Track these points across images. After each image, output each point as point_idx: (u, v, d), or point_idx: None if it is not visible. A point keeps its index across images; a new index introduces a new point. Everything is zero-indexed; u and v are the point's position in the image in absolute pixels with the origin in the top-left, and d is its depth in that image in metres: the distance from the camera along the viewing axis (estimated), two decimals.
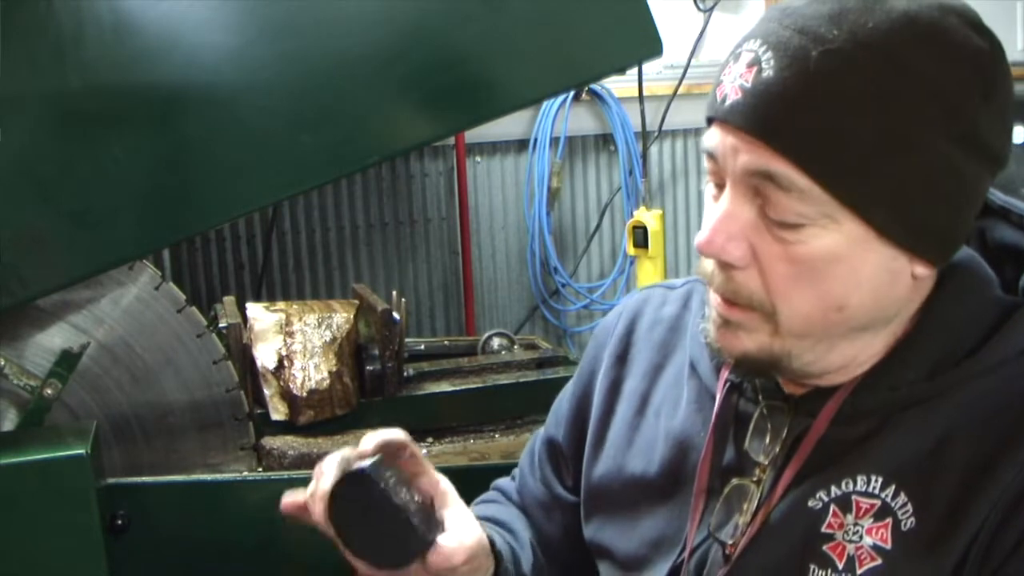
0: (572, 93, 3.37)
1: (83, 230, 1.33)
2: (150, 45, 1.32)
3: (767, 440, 0.84)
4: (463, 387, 1.89)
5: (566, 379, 1.91)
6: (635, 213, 3.26)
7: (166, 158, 1.36)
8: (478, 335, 2.43)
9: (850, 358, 0.81)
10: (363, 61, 1.39)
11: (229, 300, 1.96)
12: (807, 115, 0.71)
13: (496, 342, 2.22)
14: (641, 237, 3.17)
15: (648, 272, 3.18)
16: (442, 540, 0.85)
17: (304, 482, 1.47)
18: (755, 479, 0.84)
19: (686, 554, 0.87)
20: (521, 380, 1.94)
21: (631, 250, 3.24)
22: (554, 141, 3.45)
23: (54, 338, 1.48)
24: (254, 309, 1.74)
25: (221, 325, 1.75)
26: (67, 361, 1.47)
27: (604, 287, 3.60)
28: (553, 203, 3.52)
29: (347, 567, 0.89)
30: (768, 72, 0.73)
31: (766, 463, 0.84)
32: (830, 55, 0.71)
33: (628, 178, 3.53)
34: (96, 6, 1.30)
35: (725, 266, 0.78)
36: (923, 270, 0.77)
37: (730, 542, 0.84)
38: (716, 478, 0.87)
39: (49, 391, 1.45)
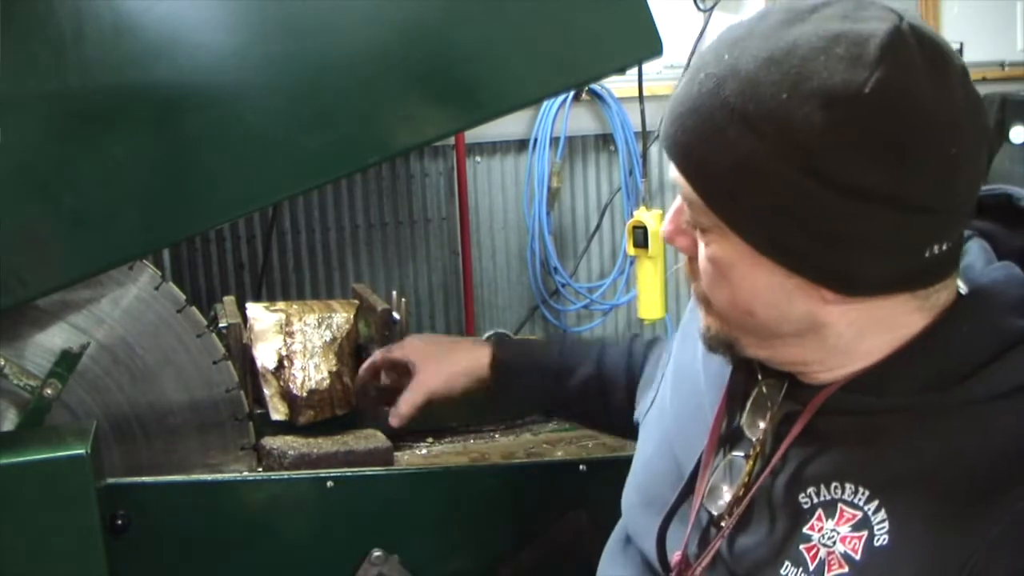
0: (572, 93, 3.37)
1: (83, 230, 1.33)
2: (150, 45, 1.32)
3: (763, 420, 0.88)
4: None
5: None
6: (635, 213, 3.25)
7: (166, 158, 1.36)
8: (478, 335, 2.43)
9: (800, 361, 0.85)
10: (363, 61, 1.39)
11: (229, 300, 1.96)
12: (687, 135, 0.78)
13: None
14: (641, 237, 3.17)
15: (648, 272, 3.17)
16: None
17: (304, 482, 1.47)
18: (749, 455, 0.88)
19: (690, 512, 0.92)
20: None
21: (631, 250, 3.23)
22: (554, 141, 3.45)
23: (54, 338, 1.48)
24: (254, 309, 1.74)
25: (221, 325, 1.75)
26: (67, 361, 1.47)
27: (604, 287, 3.60)
28: (553, 203, 3.52)
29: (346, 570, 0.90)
30: (677, 89, 0.80)
31: (755, 441, 0.88)
32: (709, 78, 0.77)
33: (628, 178, 3.53)
34: (96, 6, 1.30)
35: (688, 259, 0.88)
36: (833, 296, 0.79)
37: (715, 513, 0.88)
38: (720, 447, 0.92)
39: (49, 391, 1.45)
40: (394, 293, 1.94)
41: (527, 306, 3.60)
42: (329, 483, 1.46)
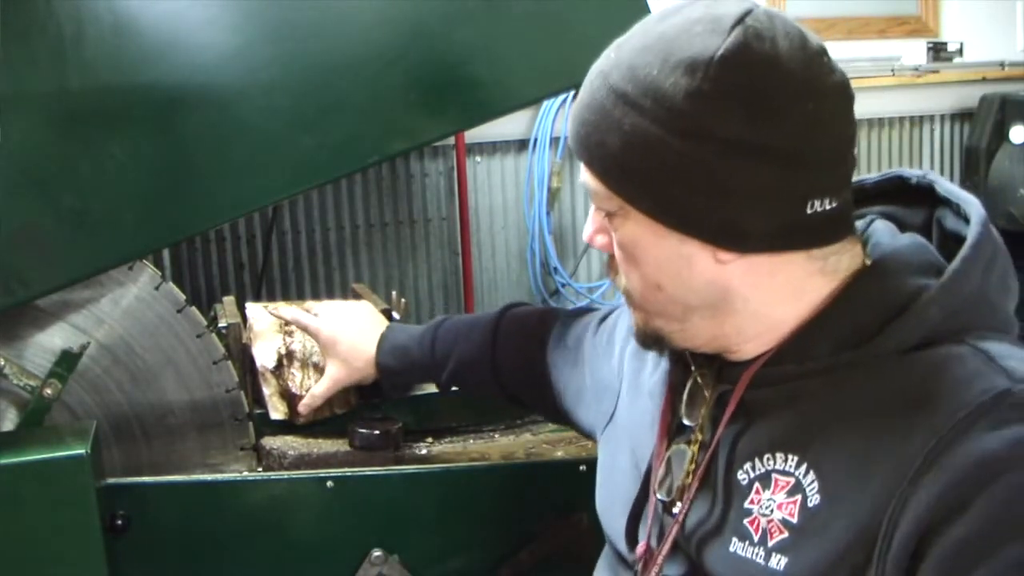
0: (572, 93, 3.36)
1: (83, 230, 1.33)
2: (150, 45, 1.33)
3: (699, 406, 0.93)
4: None
5: None
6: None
7: (166, 158, 1.36)
8: None
9: (720, 335, 0.90)
10: (363, 61, 1.39)
11: (229, 300, 1.96)
12: (585, 127, 0.87)
13: None
14: None
15: None
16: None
17: (304, 482, 1.48)
18: (691, 442, 0.93)
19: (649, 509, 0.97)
20: None
21: None
22: (554, 141, 3.45)
23: (54, 338, 1.48)
24: (253, 309, 1.74)
25: (221, 325, 1.75)
26: (67, 361, 1.47)
27: (604, 287, 3.60)
28: (553, 203, 3.52)
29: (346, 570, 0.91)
30: (579, 96, 0.90)
31: (696, 427, 0.92)
32: (600, 75, 0.87)
33: None
34: (96, 6, 1.30)
35: (609, 259, 0.95)
36: (727, 255, 0.85)
37: (667, 499, 0.93)
38: (669, 442, 0.97)
39: (49, 391, 1.45)
40: (394, 293, 1.95)
41: None
42: (329, 483, 1.46)
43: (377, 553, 1.46)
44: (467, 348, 1.45)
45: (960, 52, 3.96)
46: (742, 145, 0.80)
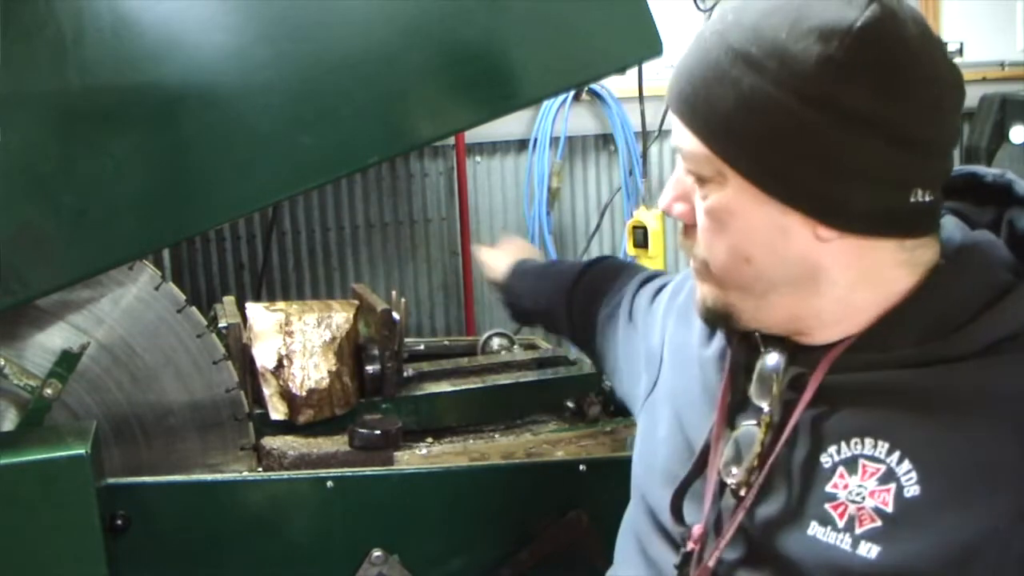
0: (572, 93, 3.37)
1: (83, 230, 1.33)
2: (150, 45, 1.32)
3: (770, 388, 0.90)
4: (463, 387, 1.89)
5: (566, 379, 1.94)
6: (635, 213, 3.26)
7: (166, 158, 1.36)
8: (478, 335, 2.43)
9: (797, 317, 0.88)
10: (363, 61, 1.39)
11: (229, 300, 1.96)
12: (693, 83, 0.85)
13: (496, 342, 2.21)
14: (641, 237, 3.17)
15: None
16: None
17: (304, 482, 1.48)
18: (759, 423, 0.90)
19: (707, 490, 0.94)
20: (521, 380, 1.94)
21: (631, 250, 3.24)
22: (554, 141, 3.45)
23: (54, 338, 1.48)
24: (254, 309, 1.74)
25: (221, 325, 1.75)
26: (67, 361, 1.47)
27: None
28: (553, 203, 3.52)
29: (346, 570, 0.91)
30: (685, 52, 0.88)
31: (767, 409, 0.89)
32: (715, 35, 0.85)
33: (628, 178, 3.54)
34: (96, 6, 1.30)
35: (684, 228, 0.93)
36: (827, 232, 0.83)
37: (733, 483, 0.90)
38: (729, 421, 0.94)
39: (49, 391, 1.45)
40: (394, 293, 1.95)
41: None
42: (329, 483, 1.46)
43: (377, 553, 1.46)
44: (550, 295, 1.52)
45: (960, 52, 3.96)
46: (864, 119, 0.79)
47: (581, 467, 1.55)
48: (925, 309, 0.84)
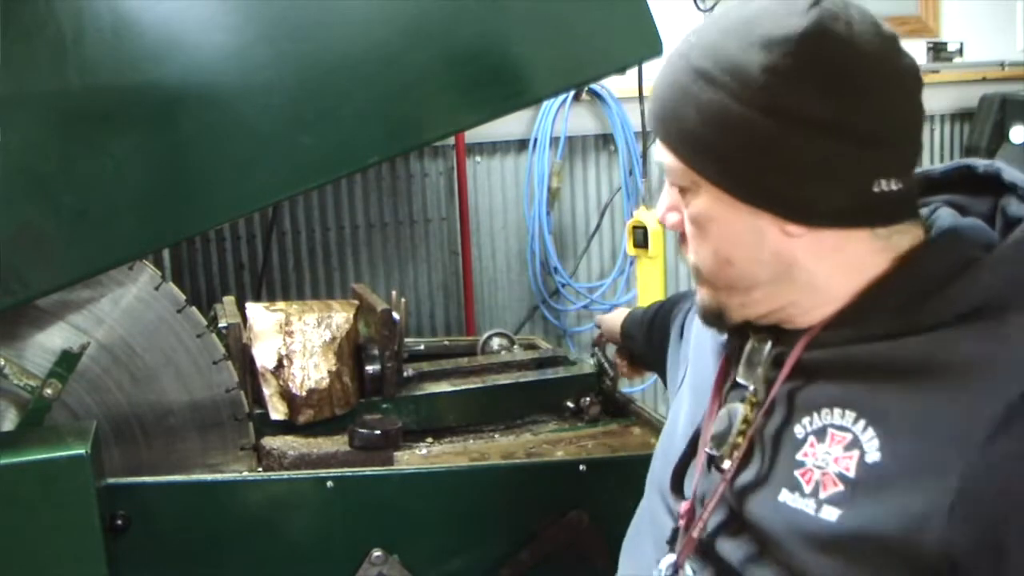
0: (572, 93, 3.37)
1: (83, 230, 1.33)
2: (150, 45, 1.33)
3: (756, 368, 0.96)
4: (463, 387, 1.89)
5: (566, 379, 1.94)
6: (635, 213, 3.25)
7: (166, 158, 1.36)
8: (478, 335, 2.43)
9: (779, 307, 0.93)
10: (363, 61, 1.39)
11: (229, 300, 1.96)
12: (663, 104, 0.91)
13: (496, 342, 2.21)
14: (641, 237, 3.16)
15: (648, 272, 3.17)
16: None
17: (304, 482, 1.48)
18: (744, 400, 0.95)
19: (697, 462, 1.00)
20: (521, 380, 1.94)
21: (631, 250, 3.23)
22: (554, 141, 3.45)
23: (54, 338, 1.48)
24: (254, 309, 1.74)
25: (221, 325, 1.75)
26: (67, 361, 1.47)
27: (604, 287, 3.60)
28: (553, 203, 3.52)
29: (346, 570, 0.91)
30: (657, 78, 0.94)
31: (752, 388, 0.95)
32: (680, 57, 0.91)
33: (628, 178, 3.53)
34: (96, 6, 1.30)
35: (680, 237, 0.98)
36: (796, 229, 0.88)
37: (716, 453, 0.95)
38: (723, 403, 0.99)
39: (49, 391, 1.45)
40: (394, 293, 1.95)
41: (527, 306, 3.60)
42: (329, 483, 1.46)
43: (377, 553, 1.46)
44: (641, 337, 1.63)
45: (960, 52, 3.96)
46: (815, 122, 0.83)
47: (581, 467, 1.55)
48: (897, 286, 0.87)
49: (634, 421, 1.85)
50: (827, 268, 0.89)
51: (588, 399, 1.88)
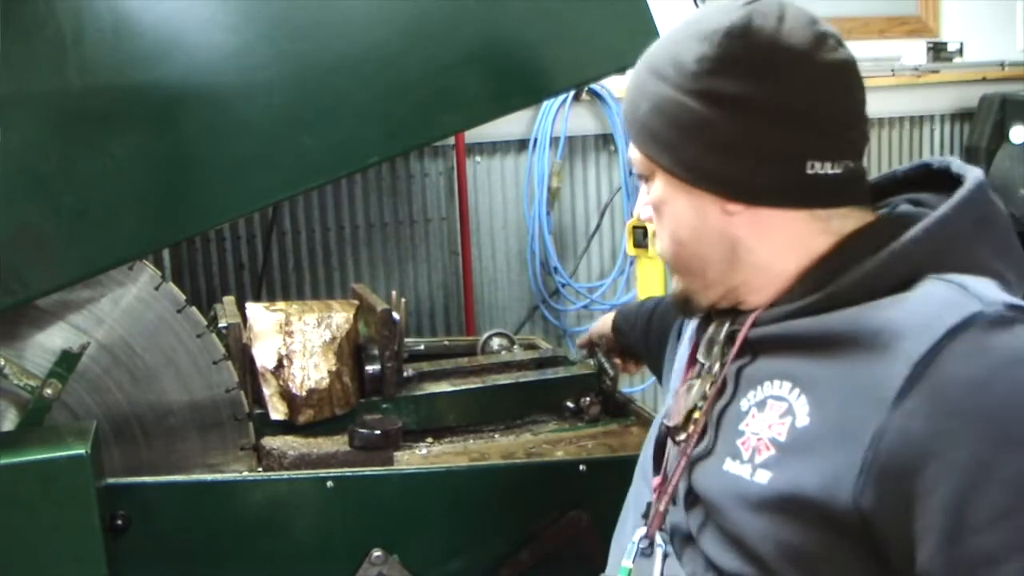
0: (572, 93, 3.37)
1: (83, 230, 1.33)
2: (150, 45, 1.33)
3: (714, 349, 1.02)
4: (463, 387, 1.89)
5: (566, 379, 1.94)
6: (635, 213, 3.25)
7: (166, 158, 1.36)
8: (478, 335, 2.43)
9: (732, 287, 0.99)
10: (363, 61, 1.39)
11: (229, 300, 1.96)
12: (628, 104, 1.01)
13: (496, 342, 2.21)
14: (641, 237, 3.16)
15: (648, 272, 3.17)
16: None
17: (304, 482, 1.48)
18: (701, 377, 1.02)
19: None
20: (521, 380, 1.93)
21: (631, 250, 3.23)
22: (554, 141, 3.45)
23: (54, 338, 1.48)
24: (254, 309, 1.74)
25: (221, 325, 1.75)
26: (67, 361, 1.47)
27: (604, 287, 3.60)
28: (553, 203, 3.52)
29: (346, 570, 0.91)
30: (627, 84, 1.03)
31: (708, 364, 1.01)
32: (642, 61, 1.00)
33: (628, 178, 3.53)
34: (96, 6, 1.30)
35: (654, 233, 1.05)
36: (734, 207, 0.95)
37: (671, 425, 1.03)
38: (687, 381, 1.06)
39: (49, 391, 1.45)
40: (394, 293, 1.95)
41: (527, 306, 3.60)
42: (329, 483, 1.46)
43: (377, 553, 1.46)
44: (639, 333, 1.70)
45: (960, 52, 3.96)
46: (744, 104, 0.91)
47: (581, 467, 1.55)
48: (829, 265, 0.93)
49: (634, 421, 1.85)
50: (769, 247, 0.95)
51: (588, 399, 1.87)
